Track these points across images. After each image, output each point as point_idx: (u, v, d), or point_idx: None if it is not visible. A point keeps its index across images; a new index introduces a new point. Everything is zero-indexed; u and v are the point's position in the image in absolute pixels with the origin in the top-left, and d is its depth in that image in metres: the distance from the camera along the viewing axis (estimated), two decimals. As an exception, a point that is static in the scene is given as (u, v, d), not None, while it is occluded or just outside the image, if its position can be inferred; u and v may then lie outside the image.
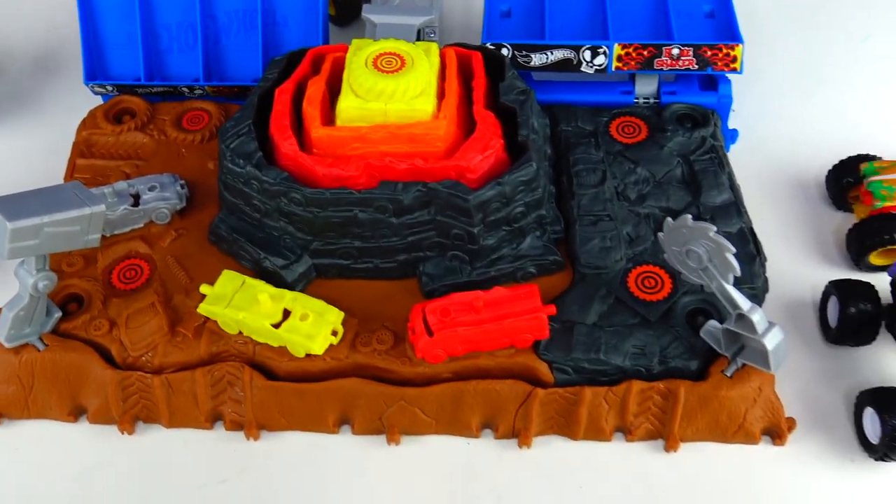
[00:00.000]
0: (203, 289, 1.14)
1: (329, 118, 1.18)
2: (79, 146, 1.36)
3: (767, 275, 1.19)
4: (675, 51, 1.31)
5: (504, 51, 1.32)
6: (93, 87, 1.42)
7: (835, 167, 1.34)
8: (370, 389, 1.11)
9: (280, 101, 1.19)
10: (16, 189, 1.06)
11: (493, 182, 1.11)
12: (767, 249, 1.22)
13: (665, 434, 1.12)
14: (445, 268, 1.18)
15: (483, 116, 1.17)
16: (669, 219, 1.04)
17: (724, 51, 1.31)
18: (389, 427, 1.13)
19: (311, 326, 1.10)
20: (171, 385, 1.13)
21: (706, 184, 1.26)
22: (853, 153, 1.33)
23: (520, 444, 1.13)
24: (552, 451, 1.13)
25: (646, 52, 1.31)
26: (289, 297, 1.13)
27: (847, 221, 1.30)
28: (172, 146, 1.36)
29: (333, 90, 1.20)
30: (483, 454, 1.13)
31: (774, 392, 1.11)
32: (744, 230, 1.22)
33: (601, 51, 1.32)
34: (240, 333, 1.14)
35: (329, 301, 1.14)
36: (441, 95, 1.18)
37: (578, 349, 1.11)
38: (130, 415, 1.14)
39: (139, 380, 1.13)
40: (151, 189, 1.25)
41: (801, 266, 1.29)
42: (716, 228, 0.99)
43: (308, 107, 1.17)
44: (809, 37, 1.62)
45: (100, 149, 1.36)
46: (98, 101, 1.43)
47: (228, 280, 1.15)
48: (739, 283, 1.08)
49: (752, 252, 1.20)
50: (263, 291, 1.12)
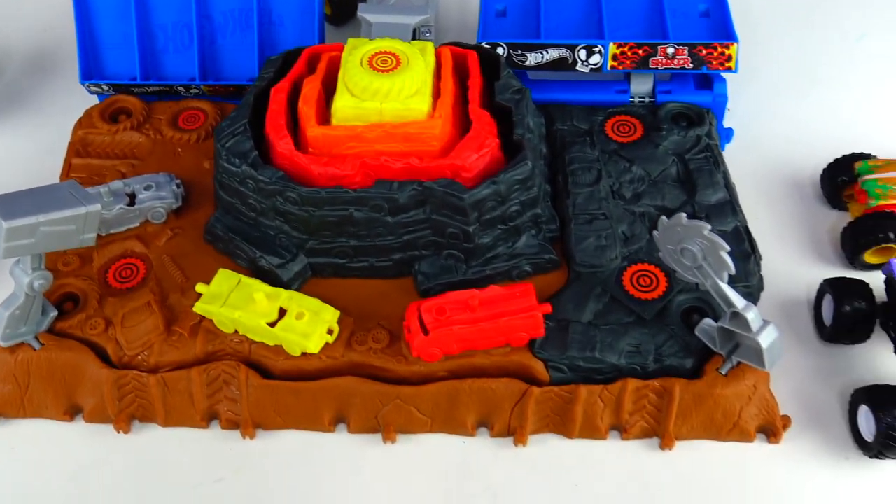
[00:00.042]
0: (199, 288, 1.14)
1: (325, 117, 1.18)
2: (75, 145, 1.36)
3: (762, 273, 1.20)
4: (671, 50, 1.31)
5: (500, 50, 1.32)
6: (89, 87, 1.42)
7: (829, 166, 1.34)
8: (366, 388, 1.11)
9: (276, 101, 1.19)
10: (11, 188, 1.06)
11: (489, 181, 1.11)
12: (762, 248, 1.23)
13: (660, 432, 1.12)
14: (441, 266, 1.18)
15: (478, 115, 1.17)
16: (664, 217, 1.04)
17: (719, 50, 1.31)
18: (385, 426, 1.13)
19: (307, 325, 1.11)
20: (167, 384, 1.13)
21: (701, 182, 1.26)
22: (848, 152, 1.33)
23: (515, 443, 1.13)
24: (548, 450, 1.13)
25: (641, 52, 1.32)
26: (284, 296, 1.13)
27: (842, 220, 1.31)
28: (168, 145, 1.36)
29: (329, 89, 1.20)
30: (479, 452, 1.13)
31: (769, 390, 1.12)
32: (739, 229, 1.22)
33: (596, 50, 1.32)
34: (236, 332, 1.14)
35: (325, 300, 1.14)
36: (436, 94, 1.18)
37: (574, 347, 1.12)
38: (126, 414, 1.14)
39: (135, 379, 1.13)
40: (147, 188, 1.25)
41: (796, 264, 1.29)
42: (710, 227, 0.99)
43: (304, 106, 1.17)
44: (804, 36, 1.63)
45: (96, 148, 1.36)
46: (94, 101, 1.43)
47: (224, 279, 1.15)
48: (734, 282, 1.08)
49: (747, 250, 1.20)
50: (259, 290, 1.12)
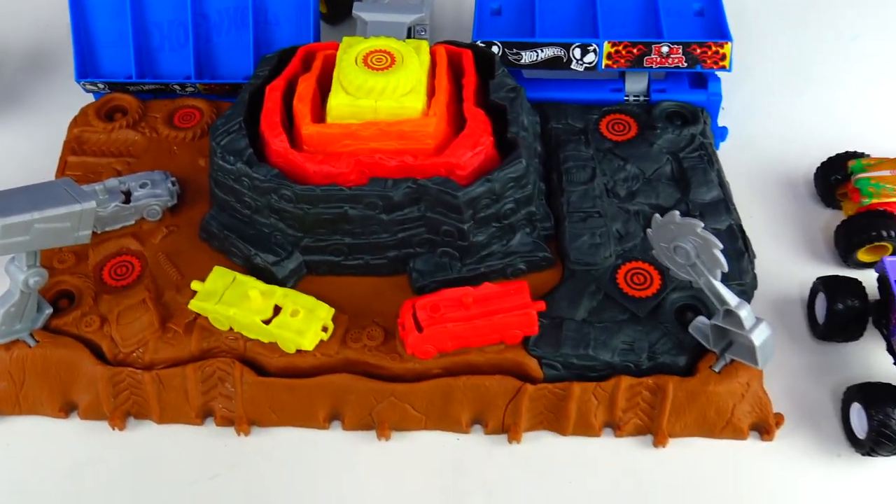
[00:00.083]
0: (194, 285, 1.14)
1: (319, 115, 1.18)
2: (70, 143, 1.36)
3: (756, 271, 1.20)
4: (665, 49, 1.32)
5: (494, 48, 1.32)
6: (84, 85, 1.42)
7: (823, 164, 1.34)
8: (360, 385, 1.12)
9: (271, 99, 1.20)
10: (6, 186, 1.06)
11: (483, 179, 1.12)
12: (756, 246, 1.23)
13: (654, 429, 1.12)
14: (435, 264, 1.18)
15: (473, 113, 1.17)
16: (657, 215, 1.04)
17: (714, 49, 1.31)
18: (379, 423, 1.13)
19: (302, 322, 1.11)
20: (162, 381, 1.13)
21: (695, 181, 1.27)
22: (841, 151, 1.34)
23: (509, 440, 1.13)
24: (541, 447, 1.13)
25: (635, 50, 1.32)
26: (279, 294, 1.13)
27: (835, 218, 1.31)
28: (164, 143, 1.36)
29: (324, 87, 1.20)
30: (473, 449, 1.14)
31: (762, 388, 1.12)
32: (733, 227, 1.23)
33: (591, 49, 1.32)
34: (230, 329, 1.14)
35: (320, 297, 1.14)
36: (431, 93, 1.19)
37: (567, 345, 1.12)
38: (121, 411, 1.15)
39: (130, 376, 1.13)
40: (143, 186, 1.25)
41: (790, 262, 1.30)
42: (703, 224, 0.99)
43: (299, 104, 1.17)
44: (799, 35, 1.63)
45: (91, 146, 1.36)
46: (90, 99, 1.43)
47: (219, 276, 1.15)
48: (728, 280, 1.08)
49: (741, 248, 1.20)
50: (254, 288, 1.12)
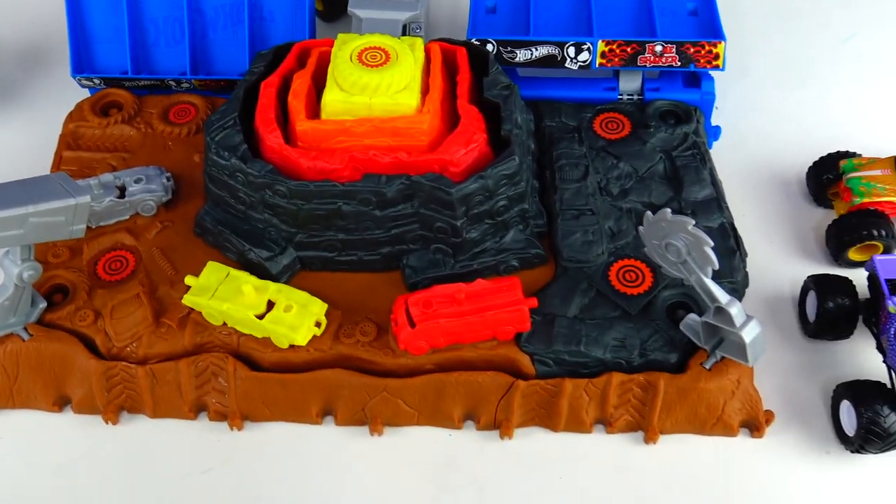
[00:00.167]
0: (188, 280, 1.14)
1: (314, 112, 1.19)
2: (65, 138, 1.36)
3: (748, 269, 1.20)
4: (659, 48, 1.32)
5: (489, 46, 1.33)
6: (80, 80, 1.42)
7: (815, 164, 1.35)
8: (353, 380, 1.12)
9: (265, 95, 1.20)
10: (2, 180, 1.06)
11: (476, 175, 1.12)
12: (748, 245, 1.23)
13: (644, 426, 1.13)
14: (429, 260, 1.18)
15: (467, 111, 1.17)
16: (649, 213, 1.05)
17: (707, 48, 1.32)
18: (372, 418, 1.14)
19: (295, 318, 1.11)
20: (156, 375, 1.13)
21: (688, 179, 1.27)
22: (833, 150, 1.34)
23: (501, 436, 1.14)
24: (533, 443, 1.14)
25: (629, 49, 1.32)
26: (273, 289, 1.14)
27: (827, 217, 1.32)
28: (159, 139, 1.36)
29: (319, 84, 1.20)
30: (465, 445, 1.14)
31: (753, 385, 1.12)
32: (725, 225, 1.23)
33: (585, 47, 1.33)
34: (224, 324, 1.14)
35: (313, 293, 1.14)
36: (425, 90, 1.19)
37: (559, 341, 1.12)
38: (115, 405, 1.15)
39: (123, 370, 1.13)
40: (137, 181, 1.25)
41: (781, 261, 1.30)
42: (694, 222, 1.00)
43: (293, 100, 1.18)
44: (792, 35, 1.63)
45: (86, 141, 1.36)
46: (85, 94, 1.43)
47: (213, 271, 1.15)
48: (720, 278, 1.09)
49: (733, 247, 1.21)
50: (248, 283, 1.13)
